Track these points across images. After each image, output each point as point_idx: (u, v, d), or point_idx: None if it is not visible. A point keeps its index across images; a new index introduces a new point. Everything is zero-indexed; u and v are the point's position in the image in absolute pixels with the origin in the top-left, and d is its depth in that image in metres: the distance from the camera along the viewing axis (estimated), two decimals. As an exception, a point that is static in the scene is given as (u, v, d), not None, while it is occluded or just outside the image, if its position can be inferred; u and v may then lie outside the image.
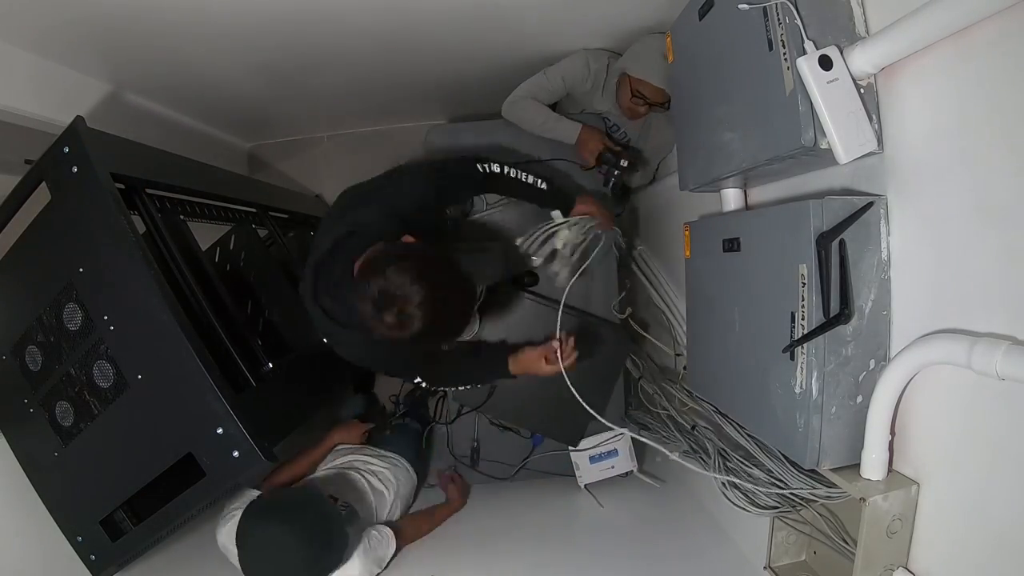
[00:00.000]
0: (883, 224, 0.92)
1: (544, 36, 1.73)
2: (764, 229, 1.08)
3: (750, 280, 1.12)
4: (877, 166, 0.93)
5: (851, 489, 0.92)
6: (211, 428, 1.13)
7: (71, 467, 1.29)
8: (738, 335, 1.16)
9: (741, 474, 1.21)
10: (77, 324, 1.22)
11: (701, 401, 1.41)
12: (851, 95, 0.89)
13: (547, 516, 1.73)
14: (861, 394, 0.94)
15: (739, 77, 1.06)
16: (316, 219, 2.46)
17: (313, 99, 2.15)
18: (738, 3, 0.97)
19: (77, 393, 1.25)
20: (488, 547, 1.57)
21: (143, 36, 1.45)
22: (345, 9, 1.42)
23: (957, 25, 0.73)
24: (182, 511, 1.22)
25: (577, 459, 1.79)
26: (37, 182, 1.25)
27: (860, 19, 0.92)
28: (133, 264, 1.14)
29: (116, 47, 1.40)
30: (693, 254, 1.35)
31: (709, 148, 1.20)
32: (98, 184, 1.17)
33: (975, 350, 0.72)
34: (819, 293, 0.91)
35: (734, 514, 1.25)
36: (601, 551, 1.54)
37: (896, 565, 0.91)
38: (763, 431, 1.13)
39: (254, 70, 1.77)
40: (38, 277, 1.27)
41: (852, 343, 0.93)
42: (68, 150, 1.18)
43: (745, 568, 1.33)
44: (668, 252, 1.97)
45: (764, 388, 1.06)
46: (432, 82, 2.11)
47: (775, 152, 0.98)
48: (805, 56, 0.88)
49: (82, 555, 1.32)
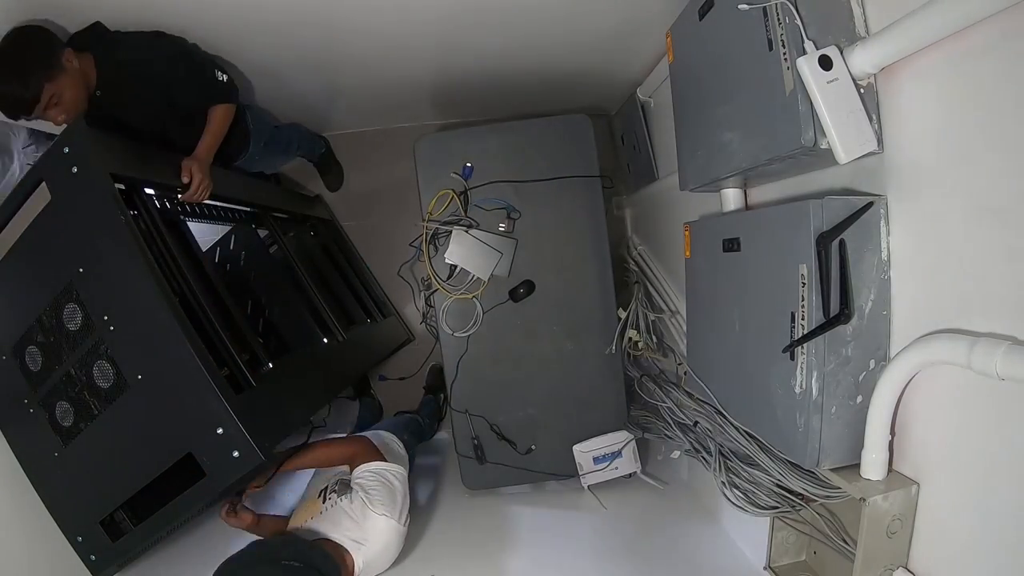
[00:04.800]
0: (883, 224, 0.92)
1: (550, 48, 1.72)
2: (764, 229, 1.08)
3: (750, 280, 1.12)
4: (877, 166, 0.93)
5: (851, 489, 0.92)
6: (211, 428, 1.13)
7: (71, 467, 1.29)
8: (738, 335, 1.16)
9: (741, 474, 1.21)
10: (77, 324, 1.22)
11: (701, 402, 1.41)
12: (851, 95, 0.89)
13: (550, 517, 1.74)
14: (861, 394, 0.94)
15: (739, 77, 1.06)
16: (316, 219, 2.47)
17: (313, 99, 2.15)
18: (738, 3, 0.97)
19: (77, 393, 1.25)
20: (490, 547, 1.57)
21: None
22: (344, 9, 1.43)
23: (957, 26, 0.73)
24: (182, 511, 1.22)
25: (581, 460, 1.79)
26: (37, 182, 1.25)
27: (860, 19, 0.92)
28: (133, 264, 1.15)
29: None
30: (693, 254, 1.35)
31: (709, 148, 1.20)
32: (98, 184, 1.17)
33: (975, 350, 0.72)
34: (819, 293, 0.91)
35: (734, 514, 1.25)
36: (602, 551, 1.54)
37: (896, 565, 0.91)
38: (763, 431, 1.13)
39: (254, 70, 1.77)
40: (38, 277, 1.27)
41: (852, 343, 0.93)
42: (68, 150, 1.18)
43: (745, 568, 1.33)
44: (668, 252, 1.97)
45: (764, 388, 1.06)
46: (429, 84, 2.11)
47: (775, 152, 0.98)
48: (805, 56, 0.88)
49: (82, 555, 1.32)
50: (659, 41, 1.39)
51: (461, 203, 1.73)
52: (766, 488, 1.16)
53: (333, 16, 1.46)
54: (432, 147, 1.77)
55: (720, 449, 1.29)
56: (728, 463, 1.26)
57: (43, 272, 1.25)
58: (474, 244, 1.71)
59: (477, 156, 1.74)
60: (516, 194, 1.74)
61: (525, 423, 1.81)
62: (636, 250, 2.24)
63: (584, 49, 1.82)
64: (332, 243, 2.46)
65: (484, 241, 1.71)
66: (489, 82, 2.07)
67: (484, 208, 1.74)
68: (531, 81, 2.08)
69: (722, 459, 1.27)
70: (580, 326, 1.78)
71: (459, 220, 1.72)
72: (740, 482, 1.21)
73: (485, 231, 1.73)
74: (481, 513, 1.76)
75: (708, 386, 1.31)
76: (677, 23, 1.27)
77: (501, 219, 1.74)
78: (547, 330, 1.78)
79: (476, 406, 1.80)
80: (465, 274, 1.74)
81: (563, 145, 1.76)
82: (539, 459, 1.82)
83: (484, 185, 1.73)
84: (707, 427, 1.36)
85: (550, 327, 1.78)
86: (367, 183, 2.65)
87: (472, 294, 1.75)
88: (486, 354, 1.78)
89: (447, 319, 1.76)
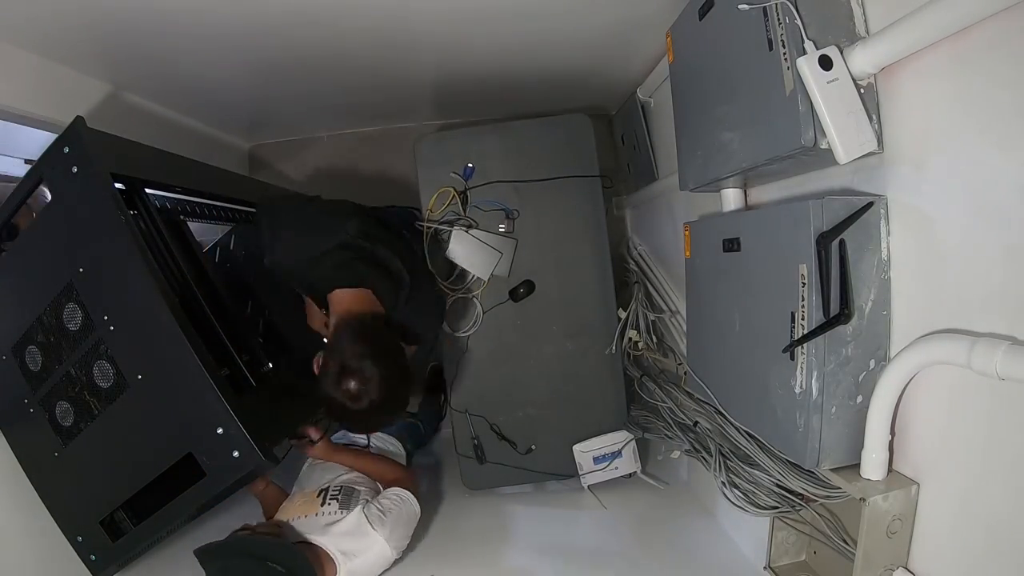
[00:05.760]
0: (883, 224, 0.92)
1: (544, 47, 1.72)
2: (764, 229, 1.08)
3: (750, 280, 1.12)
4: (877, 166, 0.93)
5: (851, 489, 0.92)
6: (211, 428, 1.12)
7: (71, 467, 1.29)
8: (738, 335, 1.16)
9: (741, 474, 1.21)
10: (77, 324, 1.22)
11: (701, 402, 1.41)
12: (851, 95, 0.89)
13: (550, 517, 1.74)
14: (861, 394, 0.95)
15: (739, 77, 1.06)
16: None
17: (313, 99, 2.15)
18: (738, 3, 0.97)
19: (77, 393, 1.25)
20: (489, 547, 1.57)
21: (143, 36, 1.45)
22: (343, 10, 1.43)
23: (957, 25, 0.73)
24: (182, 511, 1.22)
25: (581, 460, 1.79)
26: (37, 182, 1.25)
27: (860, 19, 0.92)
28: (133, 264, 1.14)
29: (116, 47, 1.40)
30: (693, 254, 1.35)
31: (709, 148, 1.20)
32: (98, 184, 1.16)
33: (975, 350, 0.72)
34: (819, 293, 0.91)
35: (734, 514, 1.25)
36: (602, 551, 1.54)
37: (896, 565, 0.91)
38: (763, 431, 1.13)
39: (254, 70, 1.77)
40: (38, 277, 1.27)
41: (852, 343, 0.93)
42: (68, 150, 1.18)
43: (745, 568, 1.33)
44: (668, 252, 1.97)
45: (764, 388, 1.06)
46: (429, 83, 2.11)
47: (775, 152, 0.98)
48: (805, 56, 0.88)
49: (82, 555, 1.32)
50: (659, 41, 1.39)
51: (461, 203, 1.73)
52: (766, 488, 1.16)
53: (333, 16, 1.46)
54: (432, 147, 1.77)
55: (720, 449, 1.29)
56: (728, 463, 1.26)
57: (43, 272, 1.25)
58: (474, 244, 1.71)
59: (477, 156, 1.74)
60: (516, 194, 1.74)
61: (525, 423, 1.81)
62: (636, 250, 2.23)
63: (584, 49, 1.82)
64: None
65: (484, 241, 1.71)
66: (489, 82, 2.07)
67: (482, 209, 1.74)
68: (531, 81, 2.08)
69: (722, 459, 1.27)
70: (580, 326, 1.78)
71: (458, 220, 1.72)
72: (740, 482, 1.21)
73: (485, 231, 1.73)
74: (481, 513, 1.76)
75: (708, 386, 1.31)
76: (677, 23, 1.27)
77: (499, 220, 1.74)
78: (547, 330, 1.78)
79: (476, 406, 1.80)
80: (465, 273, 1.74)
81: (563, 145, 1.76)
82: (539, 459, 1.82)
83: (484, 185, 1.74)
84: (707, 427, 1.36)
85: (550, 327, 1.78)
86: (367, 183, 2.65)
87: (472, 293, 1.75)
88: (486, 354, 1.78)
89: (447, 319, 1.76)
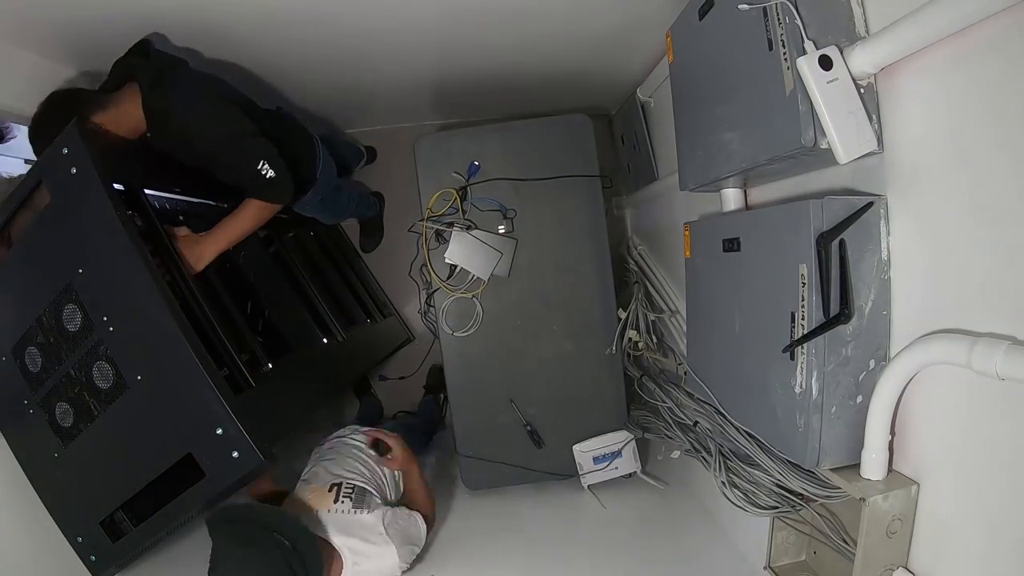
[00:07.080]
0: (883, 224, 0.92)
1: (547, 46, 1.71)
2: (764, 229, 1.08)
3: (750, 280, 1.12)
4: (877, 166, 0.93)
5: (851, 489, 0.92)
6: (211, 428, 1.13)
7: (71, 467, 1.29)
8: (738, 335, 1.16)
9: (741, 474, 1.21)
10: (77, 325, 1.22)
11: (701, 402, 1.41)
12: (851, 95, 0.89)
13: (549, 517, 1.73)
14: (861, 394, 0.95)
15: (739, 77, 1.06)
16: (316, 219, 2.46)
17: (313, 99, 2.15)
18: (738, 3, 0.97)
19: (77, 394, 1.25)
20: (490, 547, 1.57)
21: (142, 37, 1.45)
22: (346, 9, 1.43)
23: (957, 26, 0.73)
24: (182, 511, 1.22)
25: (581, 460, 1.79)
26: (37, 183, 1.25)
27: (860, 19, 0.92)
28: (132, 265, 1.14)
29: (117, 47, 1.40)
30: (693, 254, 1.35)
31: (709, 148, 1.20)
32: (97, 185, 1.17)
33: (975, 350, 0.72)
34: (819, 293, 0.91)
35: (734, 514, 1.25)
36: (602, 551, 1.54)
37: (896, 565, 0.91)
38: (763, 431, 1.13)
39: (254, 70, 1.77)
40: (38, 278, 1.27)
41: (852, 343, 0.93)
42: (67, 151, 1.18)
43: (745, 568, 1.33)
44: (668, 252, 1.97)
45: (764, 388, 1.06)
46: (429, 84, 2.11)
47: (775, 152, 0.98)
48: (805, 56, 0.88)
49: (82, 555, 1.32)
50: (659, 41, 1.39)
51: (460, 203, 1.73)
52: (766, 488, 1.16)
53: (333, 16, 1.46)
54: (432, 147, 1.77)
55: (720, 449, 1.29)
56: (728, 463, 1.26)
57: (43, 273, 1.25)
58: (474, 244, 1.71)
59: (477, 156, 1.74)
60: (516, 194, 1.74)
61: (525, 423, 1.81)
62: (636, 250, 2.24)
63: (584, 49, 1.82)
64: (332, 244, 2.46)
65: (484, 241, 1.71)
66: (489, 82, 2.07)
67: (479, 208, 1.74)
68: (531, 81, 2.08)
69: (722, 459, 1.27)
70: (580, 326, 1.78)
71: (457, 220, 1.72)
72: (740, 482, 1.21)
73: (485, 231, 1.73)
74: (481, 513, 1.76)
75: (708, 386, 1.31)
76: (677, 23, 1.27)
77: (497, 219, 1.74)
78: (547, 330, 1.78)
79: (476, 406, 1.80)
80: (465, 273, 1.74)
81: (563, 145, 1.76)
82: (539, 459, 1.82)
83: (483, 182, 1.73)
84: (707, 427, 1.36)
85: (550, 327, 1.78)
86: (367, 183, 2.65)
87: (472, 293, 1.75)
88: (486, 354, 1.78)
89: (447, 319, 1.76)
